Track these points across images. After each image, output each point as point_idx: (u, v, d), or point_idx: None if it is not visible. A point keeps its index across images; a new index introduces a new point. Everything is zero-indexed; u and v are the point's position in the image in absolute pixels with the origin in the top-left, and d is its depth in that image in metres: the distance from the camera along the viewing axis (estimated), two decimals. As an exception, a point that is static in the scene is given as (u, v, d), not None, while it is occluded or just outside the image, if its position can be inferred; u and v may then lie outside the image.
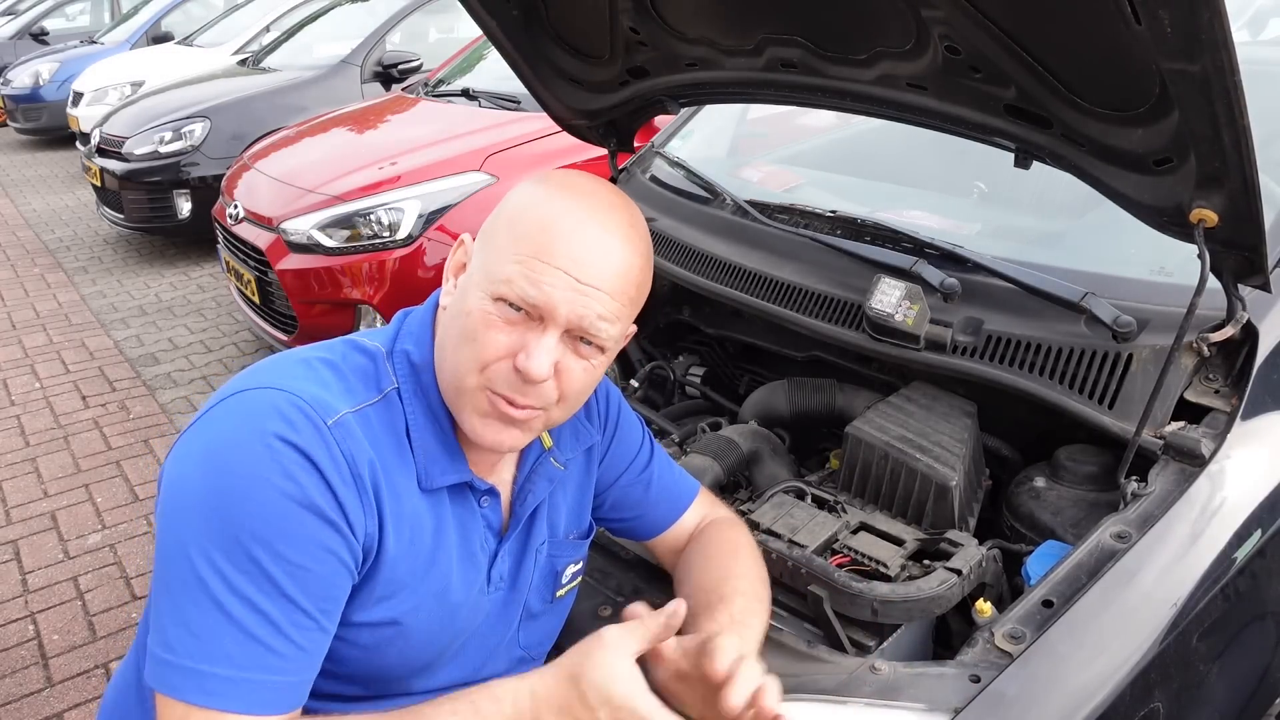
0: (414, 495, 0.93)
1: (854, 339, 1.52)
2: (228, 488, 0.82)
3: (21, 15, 12.31)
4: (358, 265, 3.48)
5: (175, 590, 0.81)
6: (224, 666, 0.80)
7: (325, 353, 0.94)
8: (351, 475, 0.86)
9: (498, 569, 1.03)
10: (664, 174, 2.10)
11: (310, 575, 0.83)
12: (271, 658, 0.81)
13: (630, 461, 1.19)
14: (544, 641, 1.13)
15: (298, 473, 0.82)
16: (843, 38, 1.32)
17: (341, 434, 0.86)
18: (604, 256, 0.90)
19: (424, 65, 5.72)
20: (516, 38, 1.67)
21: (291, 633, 0.82)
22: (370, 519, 0.87)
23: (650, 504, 1.21)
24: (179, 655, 0.80)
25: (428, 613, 0.95)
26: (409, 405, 0.94)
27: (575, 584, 1.16)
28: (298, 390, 0.86)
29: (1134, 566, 1.07)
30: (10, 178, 8.46)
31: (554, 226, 0.89)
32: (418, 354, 0.96)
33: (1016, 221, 1.95)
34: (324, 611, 0.85)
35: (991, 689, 0.95)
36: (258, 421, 0.84)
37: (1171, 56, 0.94)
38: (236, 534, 0.80)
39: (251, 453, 0.82)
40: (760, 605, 1.07)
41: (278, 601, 0.81)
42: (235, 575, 0.80)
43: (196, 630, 0.80)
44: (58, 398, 4.04)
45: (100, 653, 2.49)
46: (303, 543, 0.82)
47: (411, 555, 0.92)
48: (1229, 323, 1.23)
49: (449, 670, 1.01)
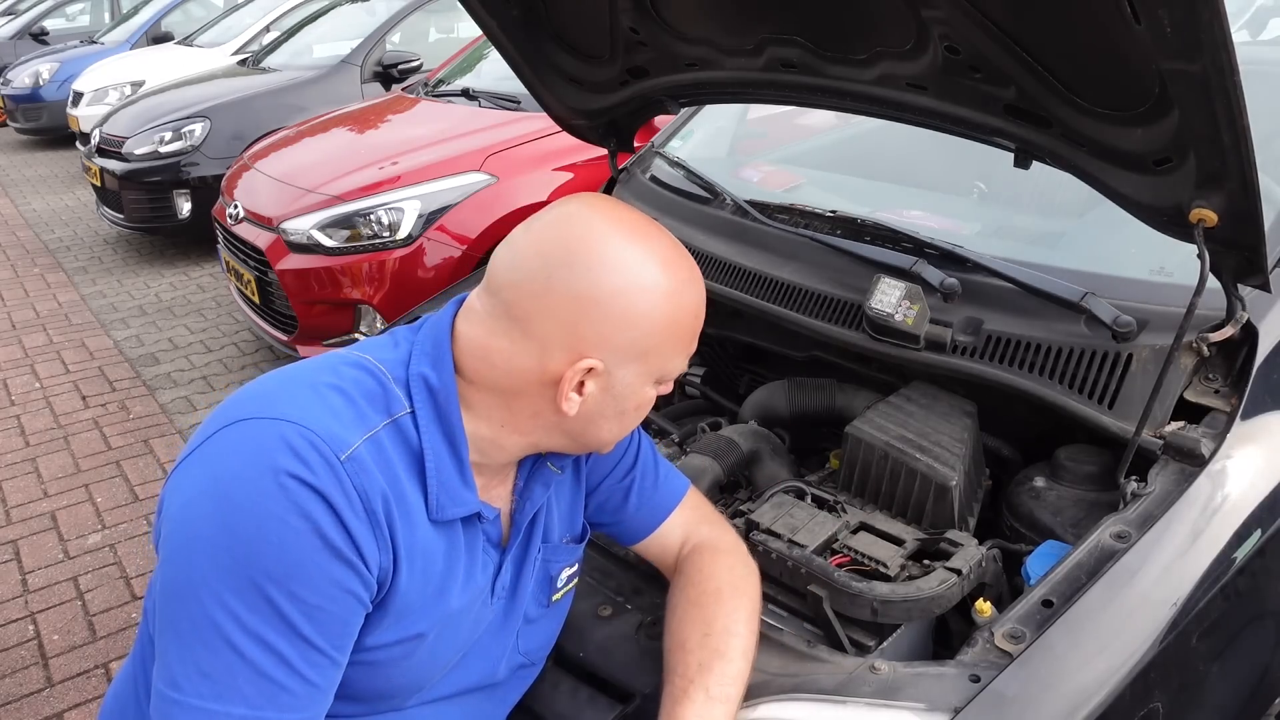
0: (425, 524, 0.91)
1: (854, 339, 1.52)
2: (239, 526, 0.79)
3: (21, 15, 12.32)
4: (358, 265, 3.48)
5: (184, 630, 0.80)
6: (238, 706, 0.78)
7: (330, 376, 0.90)
8: (365, 511, 0.84)
9: (501, 580, 1.02)
10: (664, 174, 2.10)
11: (326, 614, 0.82)
12: (285, 696, 0.80)
13: (614, 465, 1.17)
14: (544, 646, 1.13)
15: (313, 512, 0.80)
16: (843, 38, 1.32)
17: (355, 469, 0.83)
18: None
19: (424, 65, 5.72)
20: (516, 38, 1.67)
21: (307, 671, 0.81)
22: (385, 553, 0.86)
23: (630, 511, 1.17)
24: (187, 695, 0.78)
25: (435, 635, 0.94)
26: (426, 433, 0.91)
27: (570, 587, 1.15)
28: (308, 422, 0.83)
29: (1134, 566, 1.07)
30: (10, 178, 8.46)
31: (698, 313, 0.98)
32: (436, 379, 0.92)
33: (1016, 221, 1.95)
34: (339, 648, 0.85)
35: (991, 689, 0.95)
36: (269, 457, 0.81)
37: (1171, 56, 0.94)
38: (250, 574, 0.78)
39: (264, 491, 0.80)
40: (741, 661, 1.02)
41: (294, 643, 0.80)
42: (249, 616, 0.78)
43: (207, 670, 0.78)
44: (58, 398, 4.04)
45: (100, 653, 2.49)
46: (319, 583, 0.81)
47: (423, 583, 0.91)
48: (1229, 323, 1.23)
49: (451, 681, 1.01)
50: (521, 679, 1.12)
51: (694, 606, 1.07)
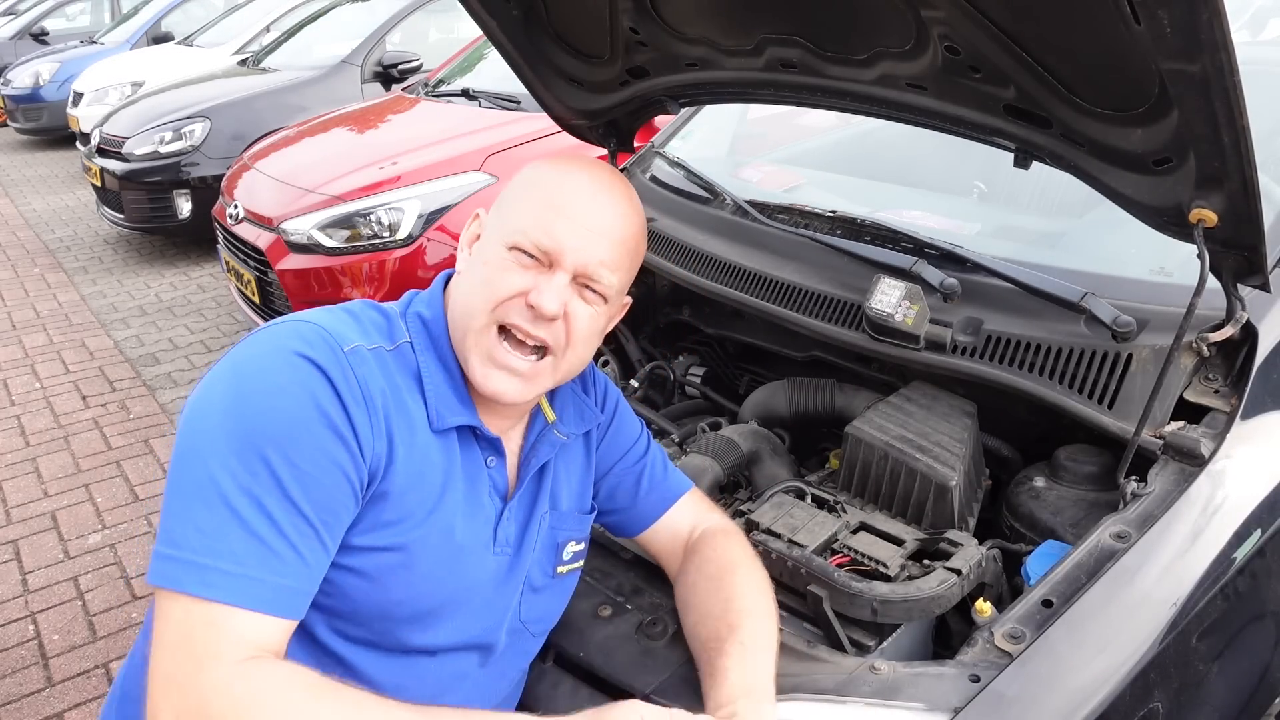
0: (425, 433, 0.98)
1: (854, 339, 1.52)
2: (247, 395, 0.87)
3: (21, 15, 12.32)
4: (358, 265, 3.48)
5: (186, 489, 0.84)
6: (227, 561, 0.82)
7: (345, 307, 1.02)
8: (363, 396, 0.91)
9: (504, 530, 1.06)
10: (664, 174, 2.10)
11: (316, 484, 0.86)
12: (273, 559, 0.84)
13: (626, 450, 1.23)
14: (545, 619, 1.15)
15: (314, 385, 0.88)
16: (843, 38, 1.32)
17: (357, 360, 0.93)
18: (607, 209, 1.02)
19: (424, 65, 5.73)
20: (516, 38, 1.67)
21: (294, 537, 0.85)
22: (379, 440, 0.92)
23: (641, 496, 1.23)
24: (183, 550, 0.82)
25: (434, 548, 0.97)
26: (421, 355, 1.01)
27: (577, 565, 1.18)
28: (317, 321, 0.95)
29: (1133, 566, 1.07)
30: (10, 178, 8.47)
31: (565, 185, 1.02)
32: (429, 313, 1.05)
33: (1016, 221, 1.95)
34: (325, 524, 0.88)
35: (991, 689, 0.95)
36: (280, 341, 0.91)
37: (1171, 56, 0.94)
38: (251, 436, 0.85)
39: (271, 365, 0.89)
40: (768, 620, 1.08)
41: (283, 504, 0.84)
42: (245, 475, 0.84)
43: (202, 526, 0.83)
44: (58, 398, 4.04)
45: (100, 653, 2.49)
46: (313, 452, 0.86)
47: (420, 488, 0.96)
48: (1228, 323, 1.23)
49: (450, 628, 1.02)
50: (520, 652, 1.13)
51: (713, 580, 1.13)
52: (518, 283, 0.98)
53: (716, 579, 1.13)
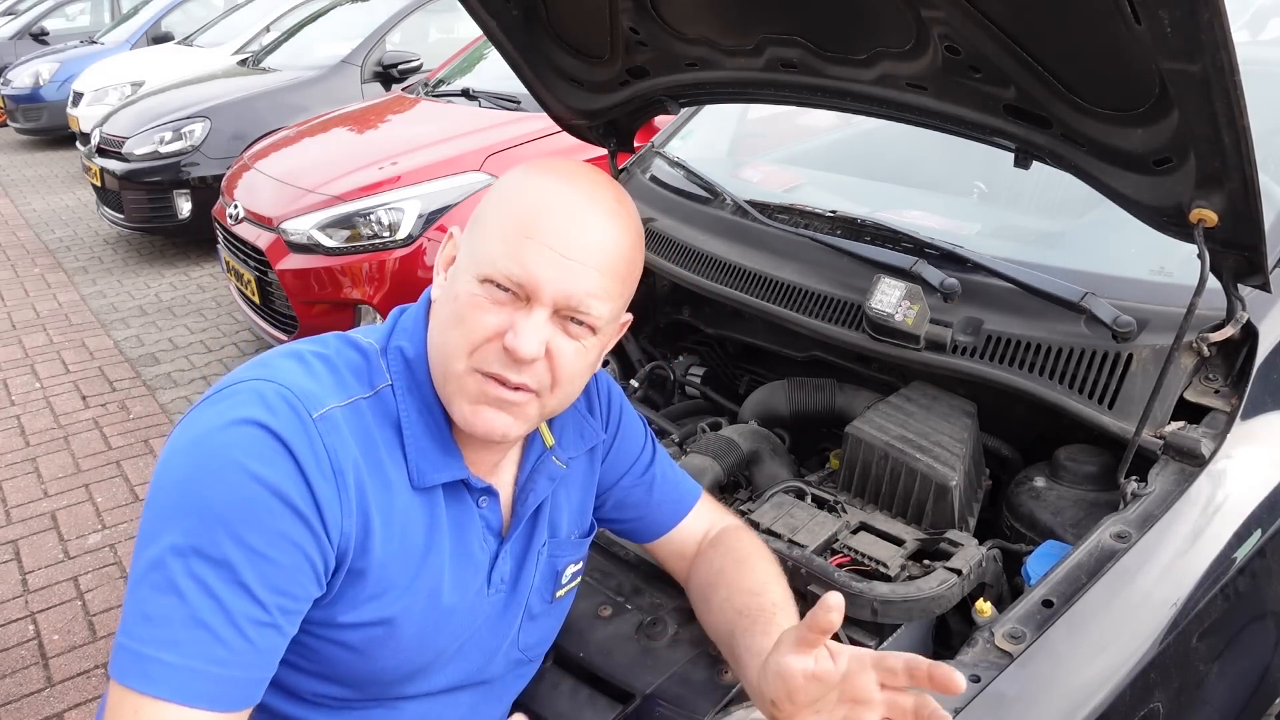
0: (405, 493, 0.90)
1: (854, 339, 1.52)
2: (198, 469, 0.80)
3: (21, 15, 12.31)
4: (358, 265, 3.48)
5: (139, 572, 0.79)
6: (169, 652, 0.76)
7: (318, 347, 0.93)
8: (332, 470, 0.83)
9: (499, 571, 1.01)
10: (664, 174, 2.10)
11: (270, 566, 0.79)
12: (218, 648, 0.78)
13: (633, 461, 1.17)
14: (542, 642, 1.12)
15: (272, 458, 0.80)
16: (843, 38, 1.32)
17: (326, 428, 0.84)
18: (589, 231, 0.88)
19: (424, 65, 5.73)
20: (516, 38, 1.67)
21: (243, 624, 0.79)
22: (348, 519, 0.85)
23: (653, 505, 1.18)
24: (132, 639, 0.77)
25: (419, 614, 0.93)
26: (402, 401, 0.92)
27: (575, 584, 1.14)
28: (286, 382, 0.85)
29: (1134, 566, 1.07)
30: (10, 178, 8.46)
31: (538, 204, 0.88)
32: (412, 350, 0.95)
33: (1016, 221, 1.95)
34: (281, 608, 0.81)
35: (991, 689, 0.95)
36: (240, 409, 0.82)
37: (1171, 56, 0.94)
38: (201, 514, 0.78)
39: (229, 439, 0.81)
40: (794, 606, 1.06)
41: (234, 590, 0.78)
42: (194, 558, 0.77)
43: (150, 614, 0.77)
44: (58, 398, 4.04)
45: (100, 653, 2.49)
46: (266, 531, 0.79)
47: (402, 554, 0.90)
48: (1229, 323, 1.23)
49: (446, 674, 1.00)
50: (519, 676, 1.11)
51: (742, 564, 1.11)
52: (492, 323, 0.87)
53: (745, 562, 1.11)
